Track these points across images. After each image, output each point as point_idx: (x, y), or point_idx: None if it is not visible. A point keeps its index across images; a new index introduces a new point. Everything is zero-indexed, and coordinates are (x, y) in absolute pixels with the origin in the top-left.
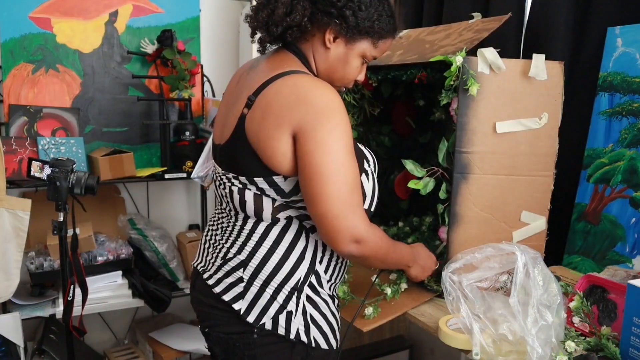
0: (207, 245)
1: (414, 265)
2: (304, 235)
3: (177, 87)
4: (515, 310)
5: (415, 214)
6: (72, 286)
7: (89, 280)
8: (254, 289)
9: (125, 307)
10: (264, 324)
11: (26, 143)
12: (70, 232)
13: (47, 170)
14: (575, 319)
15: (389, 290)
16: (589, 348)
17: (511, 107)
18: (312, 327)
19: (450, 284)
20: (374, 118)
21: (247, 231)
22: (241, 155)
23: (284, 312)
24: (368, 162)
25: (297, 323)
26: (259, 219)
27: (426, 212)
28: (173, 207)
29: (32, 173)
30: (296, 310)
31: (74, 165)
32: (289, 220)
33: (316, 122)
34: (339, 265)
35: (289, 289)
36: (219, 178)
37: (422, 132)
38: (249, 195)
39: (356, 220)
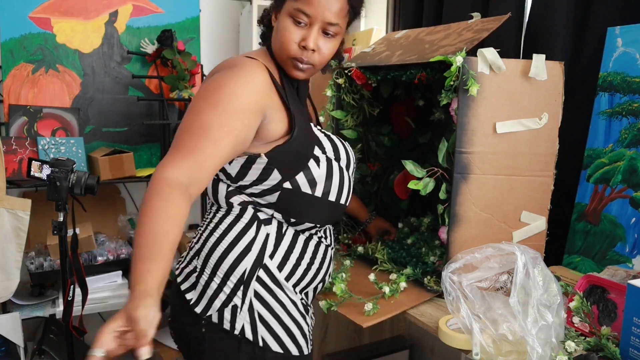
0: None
1: (131, 291)
2: (255, 226)
3: (177, 87)
4: (515, 310)
5: (415, 214)
6: (72, 286)
7: (89, 280)
8: (203, 279)
9: None
10: (210, 316)
11: (26, 143)
12: (70, 232)
13: (47, 170)
14: (575, 319)
15: (387, 289)
16: (589, 348)
17: (511, 107)
18: (259, 325)
19: (450, 284)
20: (373, 118)
21: (208, 221)
22: None
23: (230, 306)
24: (323, 149)
25: (243, 319)
26: (219, 205)
27: (426, 212)
28: None
29: (32, 173)
30: (242, 305)
31: (74, 165)
32: (244, 207)
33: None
34: (305, 266)
35: (235, 281)
36: None
37: (422, 132)
38: (211, 181)
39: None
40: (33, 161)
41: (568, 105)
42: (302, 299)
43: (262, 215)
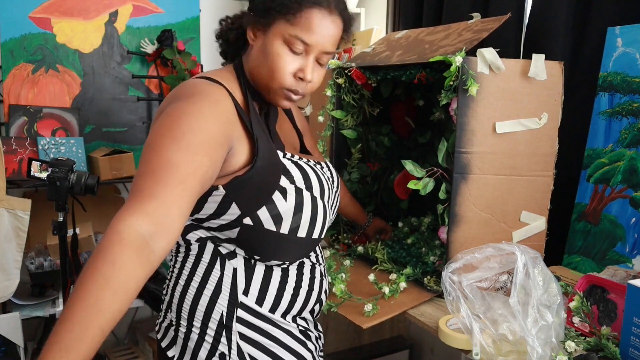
0: None
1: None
2: (219, 263)
3: None
4: (515, 310)
5: (415, 214)
6: (72, 286)
7: None
8: (181, 332)
9: None
10: None
11: (26, 143)
12: (70, 232)
13: (47, 170)
14: (575, 319)
15: (387, 289)
16: (589, 348)
17: (511, 107)
18: None
19: (450, 284)
20: (373, 118)
21: (172, 265)
22: None
23: (217, 355)
24: (292, 179)
25: None
26: (177, 244)
27: (426, 212)
28: None
29: (32, 173)
30: (229, 351)
31: (74, 165)
32: (202, 244)
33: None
34: (292, 292)
35: (215, 327)
36: None
37: (421, 132)
38: None
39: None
40: (33, 161)
41: (568, 105)
42: (298, 325)
43: (223, 250)
